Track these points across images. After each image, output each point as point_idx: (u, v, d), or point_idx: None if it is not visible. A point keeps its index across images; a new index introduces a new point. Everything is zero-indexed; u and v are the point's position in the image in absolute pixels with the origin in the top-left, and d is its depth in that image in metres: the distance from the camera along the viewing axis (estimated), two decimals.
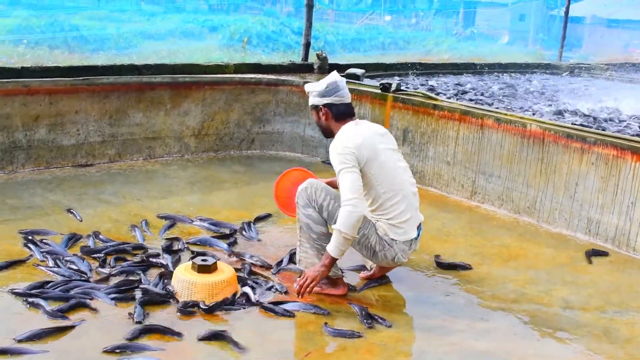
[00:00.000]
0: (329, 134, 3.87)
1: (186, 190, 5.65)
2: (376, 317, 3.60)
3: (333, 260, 3.61)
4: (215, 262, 3.83)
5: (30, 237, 4.31)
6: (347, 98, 3.81)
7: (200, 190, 5.67)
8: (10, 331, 3.21)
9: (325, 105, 3.77)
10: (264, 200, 5.44)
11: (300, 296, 3.61)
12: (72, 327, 3.30)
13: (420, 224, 3.88)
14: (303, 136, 7.02)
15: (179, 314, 3.51)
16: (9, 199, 5.05)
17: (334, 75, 3.84)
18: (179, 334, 3.29)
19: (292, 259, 4.21)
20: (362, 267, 4.20)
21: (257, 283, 3.91)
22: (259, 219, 5.00)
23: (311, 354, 3.23)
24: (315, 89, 3.81)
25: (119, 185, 5.59)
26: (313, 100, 3.83)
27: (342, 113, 3.79)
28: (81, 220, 4.73)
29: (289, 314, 3.58)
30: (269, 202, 5.31)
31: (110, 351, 3.11)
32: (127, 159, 6.30)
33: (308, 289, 3.60)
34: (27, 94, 5.63)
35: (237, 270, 3.98)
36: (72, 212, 4.86)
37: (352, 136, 3.67)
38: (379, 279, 4.09)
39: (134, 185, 5.63)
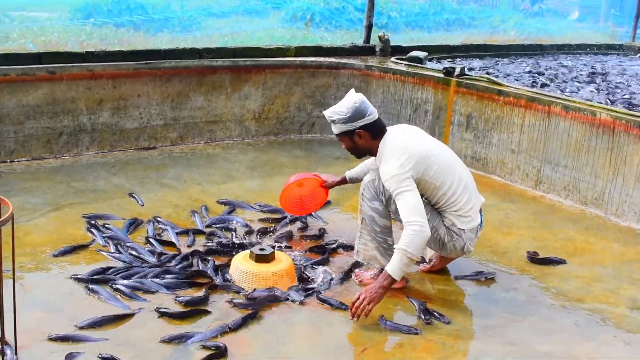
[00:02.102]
0: (366, 153, 3.74)
1: (246, 174, 5.67)
2: (434, 313, 3.54)
3: (392, 282, 3.42)
4: (273, 252, 3.84)
5: (93, 222, 4.40)
6: (376, 112, 3.67)
7: (260, 175, 5.68)
8: (72, 317, 3.28)
9: (361, 128, 3.62)
10: None
11: (355, 318, 3.39)
12: (131, 315, 3.36)
13: (481, 208, 3.79)
14: None
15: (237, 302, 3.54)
16: (74, 181, 5.16)
17: (355, 95, 3.65)
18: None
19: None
20: (421, 260, 4.13)
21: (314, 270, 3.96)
22: None
23: (367, 350, 3.20)
24: (341, 115, 3.61)
25: (180, 169, 5.65)
26: (343, 128, 3.62)
27: (380, 129, 3.65)
28: (142, 205, 4.80)
29: (345, 307, 3.54)
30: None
31: (168, 341, 3.14)
32: (189, 142, 6.36)
33: (365, 312, 3.37)
34: (91, 79, 5.72)
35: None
36: (133, 197, 4.93)
37: (402, 154, 3.51)
38: (439, 271, 4.03)
39: (195, 169, 5.68)
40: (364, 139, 3.65)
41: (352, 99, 3.63)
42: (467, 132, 6.07)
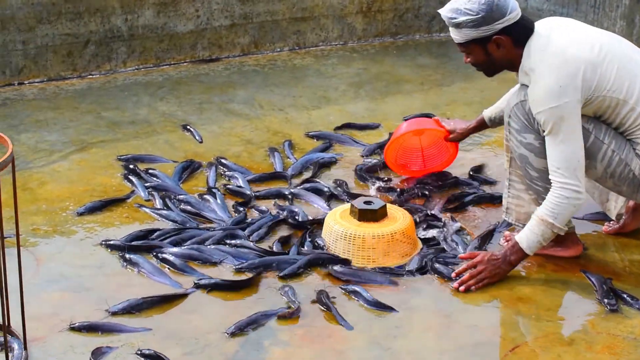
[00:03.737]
0: (504, 68, 3.68)
1: (349, 94, 5.72)
2: (624, 295, 3.48)
3: (522, 259, 3.59)
4: (384, 206, 3.86)
5: (132, 166, 4.55)
6: (518, 6, 3.54)
7: (369, 95, 5.71)
8: (101, 299, 3.40)
9: (502, 32, 3.52)
10: (462, 108, 5.37)
11: (462, 287, 3.52)
12: (184, 295, 3.46)
13: None
14: (525, 8, 6.75)
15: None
16: (106, 110, 5.35)
17: None
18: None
19: None
20: (603, 216, 4.06)
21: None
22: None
23: (520, 348, 3.19)
24: (471, 15, 3.47)
25: (254, 89, 5.74)
26: (472, 34, 3.52)
27: (527, 28, 3.54)
28: (201, 141, 4.93)
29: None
30: (470, 111, 5.23)
31: (238, 333, 3.21)
32: (267, 50, 6.45)
33: (476, 285, 3.53)
34: None
35: None
36: (189, 130, 5.07)
37: (560, 68, 3.41)
38: (632, 234, 3.97)
39: (275, 88, 5.77)
40: (503, 48, 3.56)
41: None
42: None
